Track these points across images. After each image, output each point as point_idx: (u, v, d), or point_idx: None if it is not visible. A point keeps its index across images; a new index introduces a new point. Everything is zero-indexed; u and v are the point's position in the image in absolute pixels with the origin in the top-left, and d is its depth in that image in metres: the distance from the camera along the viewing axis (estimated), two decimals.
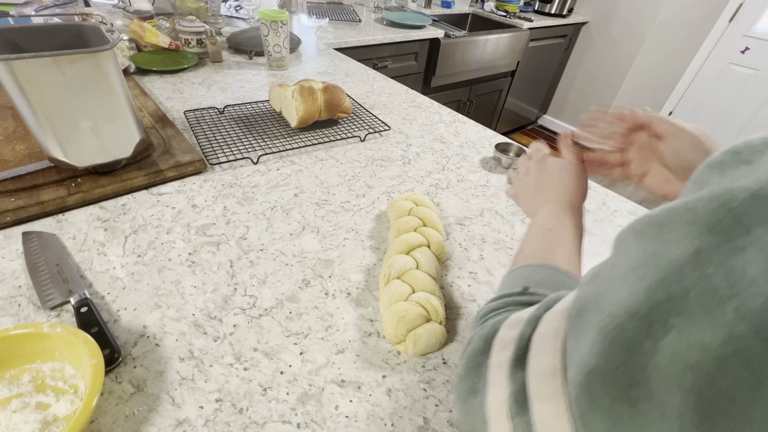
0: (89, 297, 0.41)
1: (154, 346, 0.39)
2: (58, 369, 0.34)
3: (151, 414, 0.34)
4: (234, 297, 0.44)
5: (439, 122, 0.89)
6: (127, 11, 1.08)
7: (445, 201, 0.64)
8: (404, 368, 0.40)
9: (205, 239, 0.51)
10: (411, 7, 1.99)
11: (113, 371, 0.36)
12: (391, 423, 0.35)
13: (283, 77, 1.02)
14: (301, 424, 0.35)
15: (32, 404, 0.32)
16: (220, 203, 0.57)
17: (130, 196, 0.57)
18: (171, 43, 1.01)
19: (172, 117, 0.76)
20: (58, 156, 0.51)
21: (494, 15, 2.21)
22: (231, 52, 1.13)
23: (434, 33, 1.67)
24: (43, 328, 0.34)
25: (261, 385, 0.37)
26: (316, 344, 0.41)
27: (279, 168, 0.67)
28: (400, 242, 0.49)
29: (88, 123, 0.51)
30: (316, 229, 0.55)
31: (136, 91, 0.81)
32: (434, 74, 1.79)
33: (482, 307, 0.28)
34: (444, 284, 0.49)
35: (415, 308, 0.41)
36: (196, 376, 0.37)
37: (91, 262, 0.46)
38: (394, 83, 1.07)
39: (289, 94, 0.74)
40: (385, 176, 0.68)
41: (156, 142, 0.65)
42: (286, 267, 0.49)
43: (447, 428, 0.36)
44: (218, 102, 0.85)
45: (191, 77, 0.95)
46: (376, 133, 0.81)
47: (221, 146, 0.70)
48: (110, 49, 0.49)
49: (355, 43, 1.41)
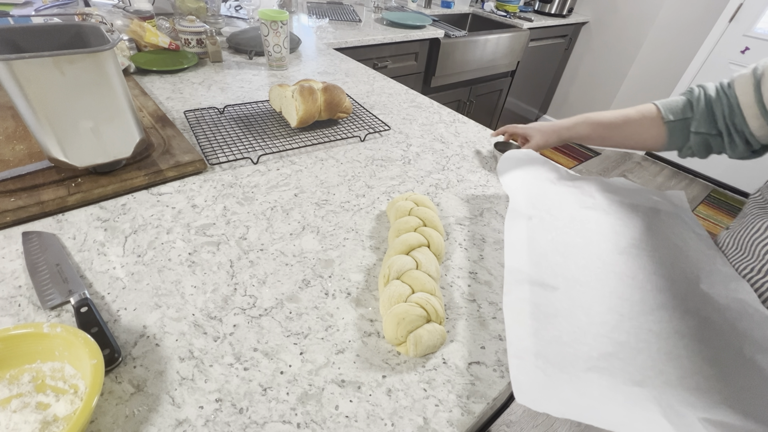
0: (89, 297, 0.41)
1: (154, 346, 0.39)
2: (58, 369, 0.34)
3: (151, 414, 0.34)
4: (234, 297, 0.44)
5: (439, 122, 0.89)
6: (127, 11, 1.08)
7: (445, 201, 0.64)
8: (404, 368, 0.40)
9: (205, 239, 0.51)
10: (411, 7, 1.99)
11: (113, 371, 0.36)
12: (391, 423, 0.35)
13: (283, 77, 1.02)
14: (301, 424, 0.35)
15: (32, 404, 0.32)
16: (220, 203, 0.57)
17: (130, 196, 0.57)
18: (171, 43, 1.01)
19: (172, 117, 0.76)
20: (58, 156, 0.51)
21: (494, 15, 2.21)
22: (231, 52, 1.13)
23: (434, 33, 1.67)
24: (43, 328, 0.34)
25: (261, 385, 0.37)
26: (316, 344, 0.41)
27: (279, 168, 0.67)
28: (400, 242, 0.49)
29: (88, 123, 0.51)
30: (316, 229, 0.55)
31: (136, 91, 0.81)
32: (434, 74, 1.79)
33: None
34: (444, 284, 0.49)
35: (415, 309, 0.41)
36: (196, 376, 0.37)
37: (91, 262, 0.46)
38: (394, 83, 1.07)
39: (289, 94, 0.74)
40: (385, 176, 0.68)
41: (156, 142, 0.65)
42: (286, 267, 0.49)
43: (447, 428, 0.36)
44: (218, 102, 0.85)
45: (191, 77, 0.95)
46: (376, 133, 0.81)
47: (221, 146, 0.70)
48: (110, 49, 0.49)
49: (355, 43, 1.41)
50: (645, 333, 0.40)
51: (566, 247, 0.49)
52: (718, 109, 0.57)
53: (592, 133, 0.70)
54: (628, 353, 0.38)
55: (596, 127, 0.69)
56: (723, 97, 0.57)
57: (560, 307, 0.41)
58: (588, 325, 0.40)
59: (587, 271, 0.46)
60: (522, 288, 0.43)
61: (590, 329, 0.40)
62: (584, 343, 0.38)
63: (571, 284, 0.44)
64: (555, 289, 0.43)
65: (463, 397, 0.38)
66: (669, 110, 0.63)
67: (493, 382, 0.40)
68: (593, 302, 0.42)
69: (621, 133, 0.67)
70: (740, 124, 0.55)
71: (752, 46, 2.08)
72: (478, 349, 0.42)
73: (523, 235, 0.50)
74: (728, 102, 0.56)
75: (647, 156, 2.82)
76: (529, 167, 0.67)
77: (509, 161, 0.68)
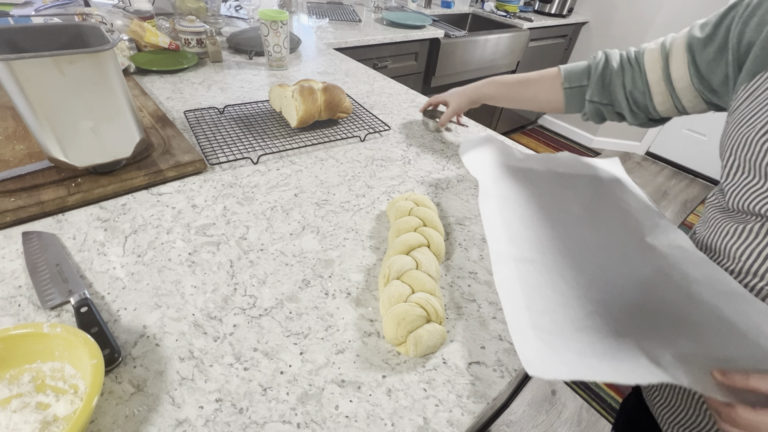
0: (89, 297, 0.41)
1: (154, 346, 0.39)
2: (58, 369, 0.34)
3: (151, 414, 0.34)
4: (234, 297, 0.44)
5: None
6: (127, 11, 1.08)
7: (445, 201, 0.64)
8: (404, 368, 0.40)
9: (205, 239, 0.51)
10: (411, 7, 1.99)
11: (113, 371, 0.36)
12: (391, 423, 0.35)
13: (283, 77, 1.02)
14: (301, 424, 0.35)
15: (32, 404, 0.32)
16: (220, 203, 0.58)
17: (130, 196, 0.57)
18: (171, 43, 1.01)
19: (172, 117, 0.76)
20: (58, 156, 0.51)
21: (494, 15, 2.21)
22: (231, 52, 1.13)
23: (434, 33, 1.67)
24: (43, 328, 0.34)
25: (261, 385, 0.37)
26: (316, 344, 0.41)
27: (279, 168, 0.67)
28: (400, 242, 0.49)
29: (88, 123, 0.51)
30: (316, 229, 0.55)
31: (136, 91, 0.81)
32: (434, 74, 1.79)
33: None
34: (444, 284, 0.49)
35: (415, 309, 0.41)
36: (196, 376, 0.37)
37: (91, 262, 0.46)
38: (394, 83, 1.07)
39: (289, 94, 0.74)
40: (385, 176, 0.68)
41: (156, 142, 0.65)
42: (286, 267, 0.49)
43: (447, 428, 0.36)
44: (218, 102, 0.85)
45: (191, 77, 0.95)
46: (376, 133, 0.81)
47: (221, 146, 0.70)
48: (110, 49, 0.49)
49: (355, 43, 1.41)
50: (613, 287, 0.44)
51: (533, 221, 0.52)
52: (618, 80, 0.57)
53: (495, 93, 0.73)
54: (605, 308, 0.41)
55: (499, 87, 0.72)
56: (628, 70, 0.56)
57: (542, 278, 0.44)
58: (568, 290, 0.43)
59: (556, 241, 0.49)
60: (507, 265, 0.45)
61: (570, 293, 0.43)
62: (569, 307, 0.41)
63: (546, 255, 0.47)
64: (533, 262, 0.46)
65: (463, 397, 0.38)
66: (568, 76, 0.63)
67: (493, 382, 0.40)
68: (567, 268, 0.46)
69: (522, 95, 0.70)
70: (642, 99, 0.56)
71: None
72: (478, 349, 0.42)
73: (495, 214, 0.52)
74: (633, 76, 0.56)
75: (647, 156, 2.82)
76: (486, 148, 0.71)
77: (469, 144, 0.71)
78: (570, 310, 0.41)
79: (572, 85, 0.63)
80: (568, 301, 0.42)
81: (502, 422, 1.23)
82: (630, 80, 0.56)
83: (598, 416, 1.27)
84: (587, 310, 0.41)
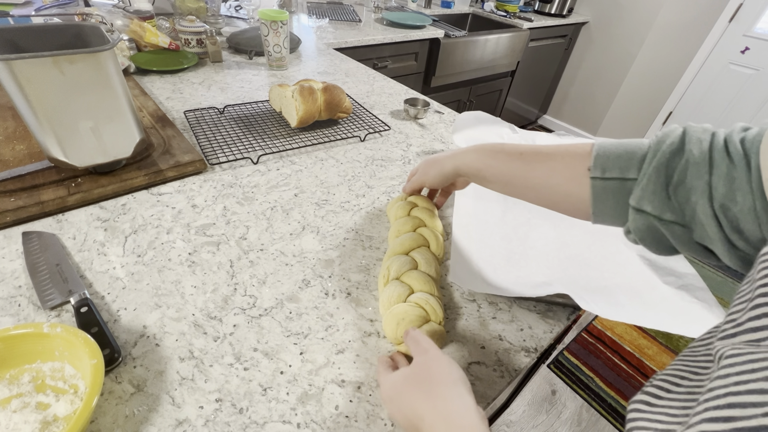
0: (89, 297, 0.41)
1: (154, 346, 0.39)
2: (58, 369, 0.34)
3: (151, 414, 0.34)
4: (234, 297, 0.44)
5: (439, 122, 0.89)
6: (127, 11, 1.08)
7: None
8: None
9: (205, 239, 0.51)
10: (411, 7, 1.99)
11: (113, 371, 0.36)
12: (391, 423, 0.35)
13: (283, 77, 1.02)
14: (301, 424, 0.35)
15: (32, 404, 0.32)
16: (220, 203, 0.58)
17: (130, 196, 0.57)
18: (171, 43, 1.01)
19: (172, 117, 0.76)
20: (58, 156, 0.51)
21: (494, 15, 2.21)
22: (231, 52, 1.13)
23: (434, 33, 1.67)
24: (43, 328, 0.34)
25: (261, 385, 0.37)
26: (316, 344, 0.41)
27: (279, 168, 0.67)
28: (400, 242, 0.49)
29: (88, 123, 0.51)
30: (316, 229, 0.55)
31: (136, 91, 0.81)
32: (434, 74, 1.79)
33: None
34: (444, 284, 0.49)
35: (415, 309, 0.41)
36: (196, 376, 0.37)
37: (91, 262, 0.46)
38: (394, 83, 1.07)
39: (289, 94, 0.74)
40: (385, 176, 0.68)
41: (156, 142, 0.65)
42: (286, 267, 0.49)
43: None
44: (218, 102, 0.85)
45: (191, 77, 0.95)
46: (376, 133, 0.81)
47: (221, 146, 0.70)
48: (110, 49, 0.49)
49: (355, 43, 1.41)
50: (553, 242, 0.57)
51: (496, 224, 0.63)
52: (699, 180, 0.29)
53: (484, 167, 0.45)
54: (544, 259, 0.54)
55: (491, 159, 0.45)
56: (722, 164, 0.29)
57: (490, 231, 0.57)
58: (501, 241, 0.56)
59: (516, 210, 0.62)
60: (468, 222, 0.58)
61: (503, 244, 0.55)
62: (500, 255, 0.54)
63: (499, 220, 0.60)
64: (486, 223, 0.59)
65: None
66: (601, 156, 0.35)
67: (493, 382, 0.40)
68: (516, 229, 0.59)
69: (527, 174, 0.41)
70: (748, 220, 0.27)
71: (752, 46, 2.08)
72: (477, 349, 0.42)
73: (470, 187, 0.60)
74: (730, 175, 0.28)
75: None
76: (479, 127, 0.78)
77: (462, 122, 0.78)
78: (500, 258, 0.53)
79: (606, 175, 0.35)
80: (501, 251, 0.54)
81: (502, 422, 1.23)
82: (723, 183, 0.28)
83: (598, 416, 1.27)
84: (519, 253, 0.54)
